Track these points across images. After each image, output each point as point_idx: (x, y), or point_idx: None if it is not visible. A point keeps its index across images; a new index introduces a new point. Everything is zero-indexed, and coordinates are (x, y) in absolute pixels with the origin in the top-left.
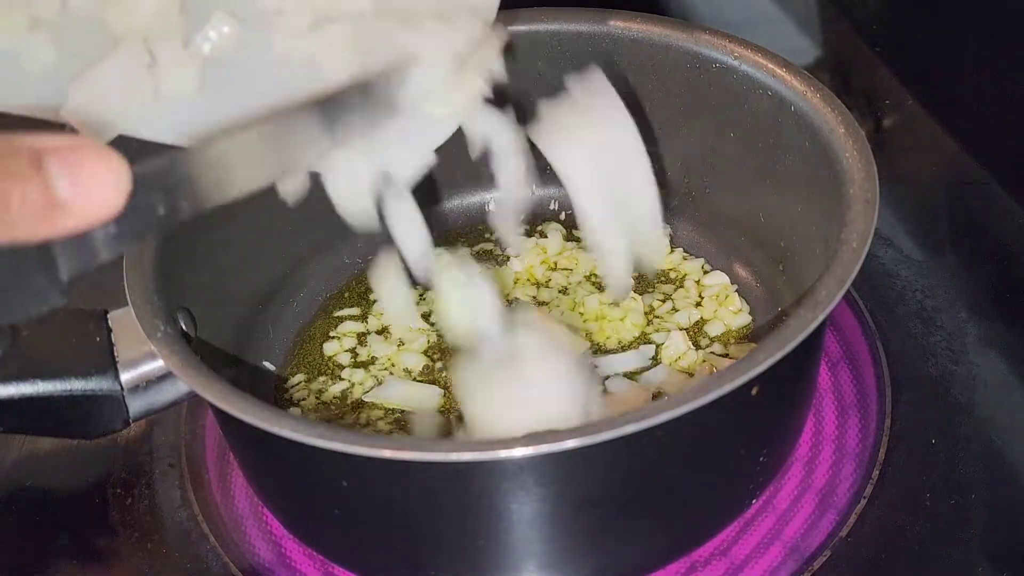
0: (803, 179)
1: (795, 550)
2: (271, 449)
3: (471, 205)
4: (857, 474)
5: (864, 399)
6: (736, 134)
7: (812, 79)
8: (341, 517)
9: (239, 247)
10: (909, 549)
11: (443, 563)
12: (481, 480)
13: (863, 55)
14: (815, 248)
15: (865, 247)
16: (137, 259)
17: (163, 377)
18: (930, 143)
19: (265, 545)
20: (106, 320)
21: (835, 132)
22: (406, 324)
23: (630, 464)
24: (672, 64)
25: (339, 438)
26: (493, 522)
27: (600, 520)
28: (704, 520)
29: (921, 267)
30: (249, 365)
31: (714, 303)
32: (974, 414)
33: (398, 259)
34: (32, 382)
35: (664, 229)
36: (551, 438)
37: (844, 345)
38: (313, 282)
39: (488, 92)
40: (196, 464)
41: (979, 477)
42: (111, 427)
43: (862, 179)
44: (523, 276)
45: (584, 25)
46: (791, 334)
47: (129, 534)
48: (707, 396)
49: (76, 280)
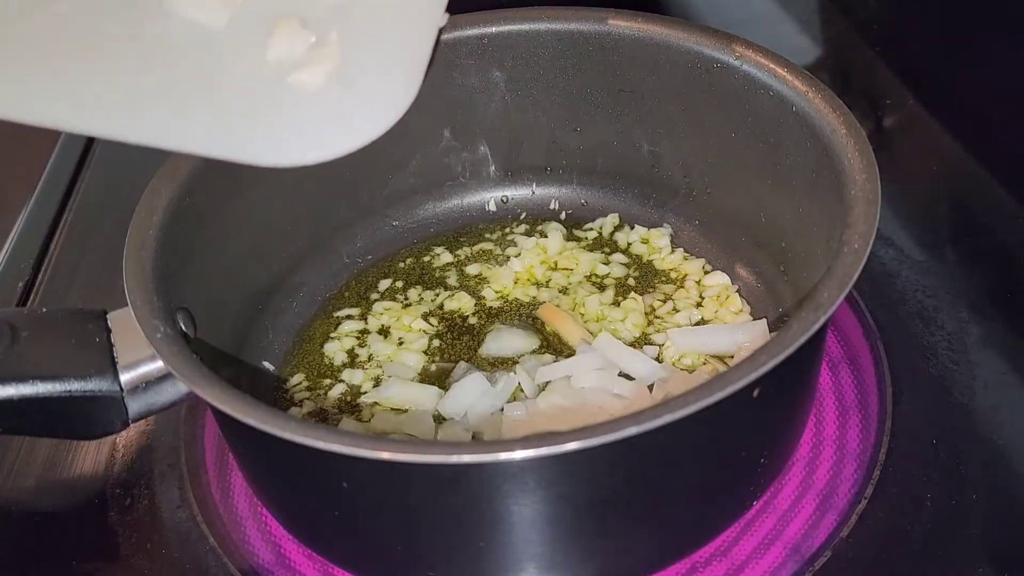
0: (804, 179)
1: (796, 550)
2: (270, 450)
3: (471, 205)
4: (858, 474)
5: (865, 399)
6: (737, 134)
7: (813, 79)
8: (341, 518)
9: (239, 247)
10: (910, 549)
11: (443, 564)
12: (481, 482)
13: (863, 55)
14: (816, 248)
15: (867, 249)
16: (137, 259)
17: (162, 378)
18: (930, 143)
19: (264, 546)
20: (105, 320)
21: (836, 132)
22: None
23: (631, 466)
24: (672, 64)
25: (339, 440)
26: (493, 524)
27: (601, 522)
28: (705, 521)
29: (921, 267)
30: (249, 365)
31: (715, 303)
32: (974, 414)
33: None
34: (32, 382)
35: (664, 229)
36: (552, 440)
37: (845, 345)
38: (313, 282)
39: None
40: (195, 465)
41: (979, 477)
42: (110, 428)
43: (863, 180)
44: (523, 276)
45: (585, 24)
46: (793, 336)
47: (128, 534)
48: (708, 398)
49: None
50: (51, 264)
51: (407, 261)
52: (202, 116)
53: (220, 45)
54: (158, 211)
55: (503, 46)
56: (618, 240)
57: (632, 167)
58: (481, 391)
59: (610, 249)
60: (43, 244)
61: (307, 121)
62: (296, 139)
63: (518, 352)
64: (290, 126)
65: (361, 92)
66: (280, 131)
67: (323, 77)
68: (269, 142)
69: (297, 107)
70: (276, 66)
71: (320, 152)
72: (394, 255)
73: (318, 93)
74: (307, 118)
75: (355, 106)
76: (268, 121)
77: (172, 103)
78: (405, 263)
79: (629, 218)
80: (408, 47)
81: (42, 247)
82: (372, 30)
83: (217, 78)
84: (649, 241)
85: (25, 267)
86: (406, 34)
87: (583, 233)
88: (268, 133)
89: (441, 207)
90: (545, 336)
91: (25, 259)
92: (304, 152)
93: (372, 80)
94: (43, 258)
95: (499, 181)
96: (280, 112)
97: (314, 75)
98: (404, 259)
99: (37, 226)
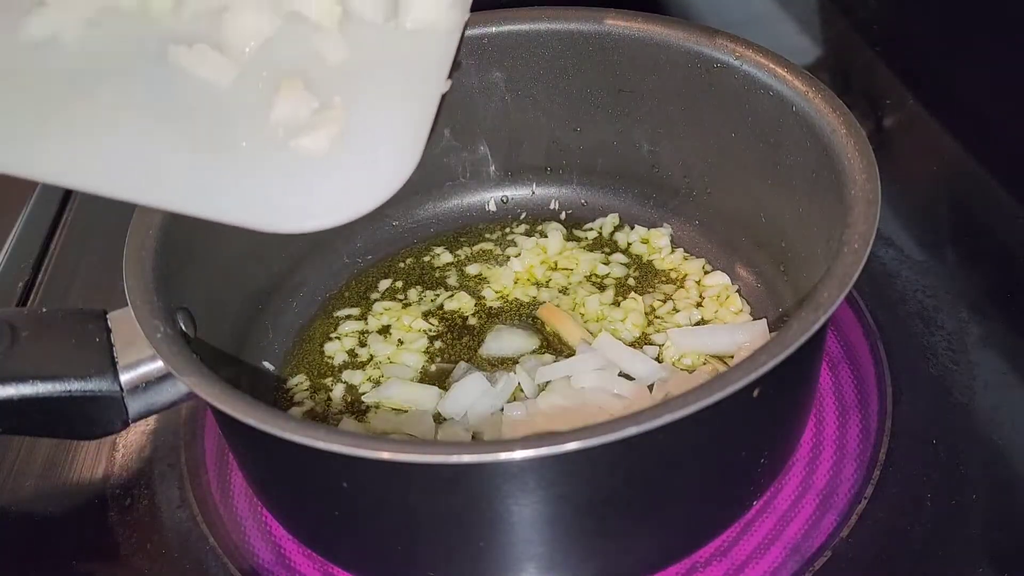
0: (804, 179)
1: (796, 551)
2: (270, 450)
3: (471, 205)
4: (858, 474)
5: (865, 399)
6: (737, 134)
7: (813, 79)
8: (341, 518)
9: (239, 247)
10: (910, 549)
11: (443, 564)
12: (481, 482)
13: (863, 55)
14: (816, 248)
15: (867, 249)
16: (137, 259)
17: (162, 378)
18: (930, 143)
19: (264, 545)
20: (105, 320)
21: (836, 132)
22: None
23: (631, 466)
24: (672, 64)
25: (339, 440)
26: (493, 524)
27: (601, 522)
28: (705, 521)
29: (921, 267)
30: (249, 365)
31: (715, 303)
32: (974, 414)
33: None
34: (32, 382)
35: (664, 229)
36: (552, 440)
37: (845, 345)
38: (313, 282)
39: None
40: (195, 464)
41: (979, 477)
42: (110, 428)
43: (863, 180)
44: (523, 276)
45: (585, 24)
46: (793, 336)
47: (128, 534)
48: (709, 398)
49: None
50: (51, 264)
51: (407, 261)
52: (202, 178)
53: (225, 104)
54: (158, 211)
55: (503, 46)
56: (618, 240)
57: (632, 167)
58: (481, 391)
59: (610, 249)
60: (43, 244)
61: (308, 187)
62: (296, 205)
63: (518, 352)
64: (291, 191)
65: (364, 159)
66: (281, 196)
67: (326, 142)
68: (269, 207)
69: (299, 172)
70: (280, 128)
71: (319, 220)
72: (394, 255)
73: (320, 158)
74: (309, 184)
75: (357, 173)
76: (269, 185)
77: (172, 164)
78: (405, 263)
79: (629, 218)
80: (411, 113)
81: (42, 247)
82: (376, 95)
83: (220, 139)
84: (649, 241)
85: (25, 267)
86: (409, 99)
87: (583, 233)
88: (268, 198)
89: (441, 207)
90: (545, 336)
91: (25, 259)
92: (303, 220)
93: (375, 147)
94: (43, 258)
95: (499, 181)
96: (282, 177)
97: (317, 140)
98: (404, 259)
99: (37, 226)
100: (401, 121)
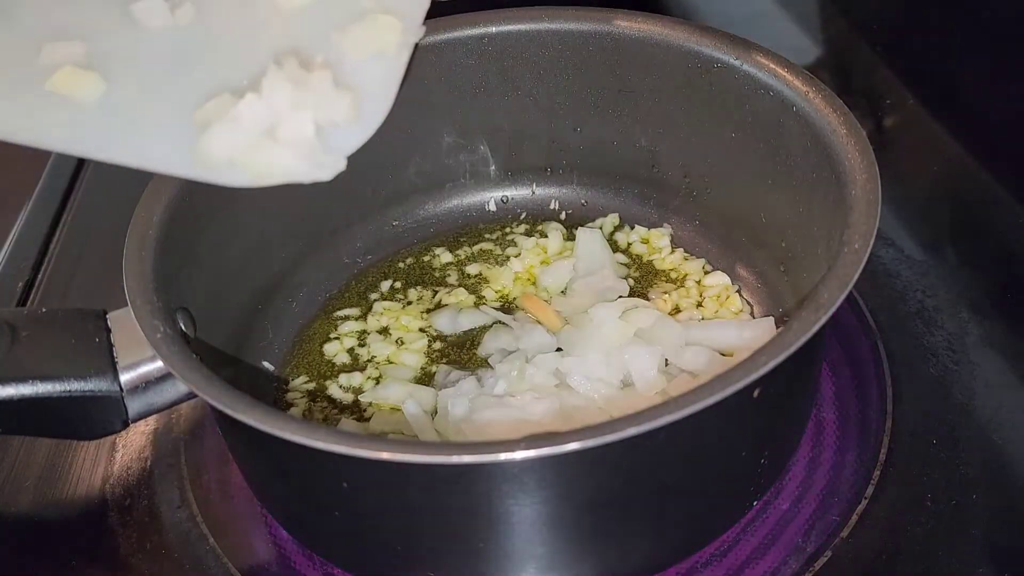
0: (804, 179)
1: (796, 551)
2: (270, 450)
3: (471, 205)
4: (858, 475)
5: (865, 399)
6: (737, 134)
7: (814, 79)
8: (341, 518)
9: (239, 247)
10: (910, 549)
11: (443, 565)
12: (481, 482)
13: (863, 55)
14: (817, 249)
15: (867, 249)
16: (137, 259)
17: (162, 377)
18: (930, 143)
19: (264, 545)
20: (105, 320)
21: (837, 133)
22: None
23: (631, 467)
24: (673, 64)
25: (339, 440)
26: (493, 524)
27: (601, 522)
28: (705, 522)
29: (922, 267)
30: (248, 365)
31: (715, 303)
32: (974, 414)
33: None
34: (32, 383)
35: (664, 229)
36: (552, 440)
37: (845, 345)
38: (313, 282)
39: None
40: (195, 465)
41: (979, 477)
42: (110, 428)
43: (864, 180)
44: (523, 276)
45: (585, 24)
46: (793, 337)
47: (128, 534)
48: (708, 398)
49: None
50: (51, 264)
51: (407, 261)
52: (180, 137)
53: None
54: (158, 211)
55: (503, 46)
56: (618, 240)
57: (632, 167)
58: (475, 391)
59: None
60: (43, 244)
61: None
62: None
63: (516, 351)
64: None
65: (341, 108)
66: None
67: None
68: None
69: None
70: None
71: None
72: (394, 255)
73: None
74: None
75: (334, 124)
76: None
77: (148, 123)
78: (405, 263)
79: (629, 218)
80: (383, 65)
81: (42, 247)
82: (350, 47)
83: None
84: (649, 241)
85: (25, 267)
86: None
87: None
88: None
89: (441, 207)
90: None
91: (25, 259)
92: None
93: (350, 95)
94: (43, 258)
95: (499, 181)
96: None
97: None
98: (404, 259)
99: (37, 226)
100: (371, 75)
